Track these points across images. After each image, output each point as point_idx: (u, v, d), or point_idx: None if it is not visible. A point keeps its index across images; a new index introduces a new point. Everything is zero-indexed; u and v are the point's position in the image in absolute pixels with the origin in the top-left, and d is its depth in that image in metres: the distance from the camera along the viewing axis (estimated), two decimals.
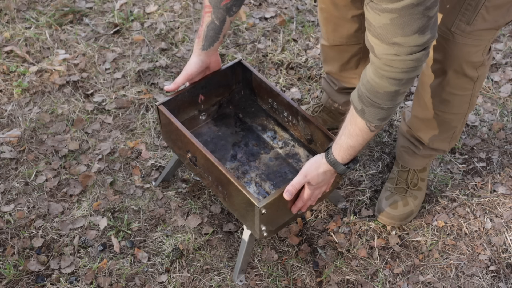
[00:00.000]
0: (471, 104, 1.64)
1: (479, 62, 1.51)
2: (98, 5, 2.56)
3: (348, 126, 1.35)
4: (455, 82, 1.54)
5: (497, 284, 1.71)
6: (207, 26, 1.57)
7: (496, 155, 2.03)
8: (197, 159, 1.57)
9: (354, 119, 1.33)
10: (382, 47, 1.18)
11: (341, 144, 1.37)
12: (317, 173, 1.42)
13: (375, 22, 1.15)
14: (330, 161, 1.40)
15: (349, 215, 1.86)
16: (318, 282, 1.71)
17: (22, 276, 1.70)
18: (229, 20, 1.57)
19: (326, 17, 1.78)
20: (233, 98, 1.82)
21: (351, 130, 1.35)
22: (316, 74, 2.30)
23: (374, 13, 1.14)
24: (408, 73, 1.21)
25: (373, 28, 1.17)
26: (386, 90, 1.24)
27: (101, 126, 2.11)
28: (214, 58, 1.66)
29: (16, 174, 1.95)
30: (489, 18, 1.41)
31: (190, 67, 1.63)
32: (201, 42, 1.59)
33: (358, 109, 1.30)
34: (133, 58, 2.34)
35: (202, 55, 1.62)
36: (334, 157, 1.39)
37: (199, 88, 1.69)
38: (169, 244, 1.78)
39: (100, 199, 1.89)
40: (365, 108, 1.29)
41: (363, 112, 1.30)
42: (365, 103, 1.28)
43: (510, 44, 2.42)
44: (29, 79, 2.24)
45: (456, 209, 1.88)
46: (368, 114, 1.29)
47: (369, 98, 1.27)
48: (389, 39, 1.15)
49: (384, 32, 1.15)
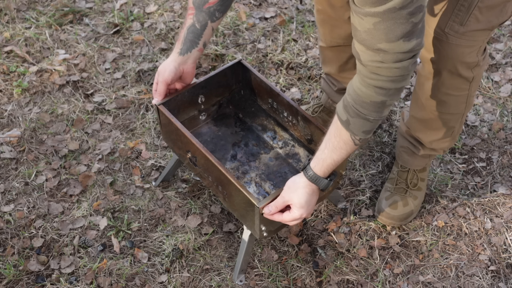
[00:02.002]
0: (468, 104, 1.64)
1: (473, 63, 1.51)
2: (98, 5, 2.56)
3: (332, 139, 1.32)
4: (450, 82, 1.54)
5: (497, 284, 1.71)
6: (188, 28, 1.53)
7: (496, 155, 2.03)
8: (197, 159, 1.57)
9: (339, 131, 1.29)
10: (368, 53, 1.15)
11: (324, 158, 1.33)
12: (297, 193, 1.37)
13: (359, 27, 1.13)
14: (310, 178, 1.35)
15: (349, 215, 1.86)
16: (318, 282, 1.71)
17: (22, 276, 1.70)
18: (210, 26, 1.52)
19: (323, 19, 1.78)
20: (233, 98, 1.82)
21: (335, 143, 1.31)
22: (316, 74, 2.30)
23: (358, 18, 1.12)
24: (395, 83, 1.18)
25: (358, 33, 1.15)
26: (373, 100, 1.21)
27: (101, 126, 2.11)
28: (189, 65, 1.57)
29: (16, 174, 1.95)
30: (482, 18, 1.41)
31: (165, 73, 1.55)
32: (179, 46, 1.54)
33: (343, 120, 1.27)
34: (133, 58, 2.34)
35: (177, 60, 1.55)
36: (315, 172, 1.35)
37: (199, 88, 1.69)
38: (169, 244, 1.78)
39: (100, 199, 1.89)
40: (350, 119, 1.26)
41: (348, 123, 1.26)
42: (351, 113, 1.25)
43: (510, 44, 2.42)
44: (29, 79, 2.24)
45: (456, 209, 1.88)
46: (353, 126, 1.26)
47: (355, 108, 1.24)
48: (374, 45, 1.13)
49: (369, 37, 1.13)
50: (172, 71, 1.54)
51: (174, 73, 1.55)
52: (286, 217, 1.39)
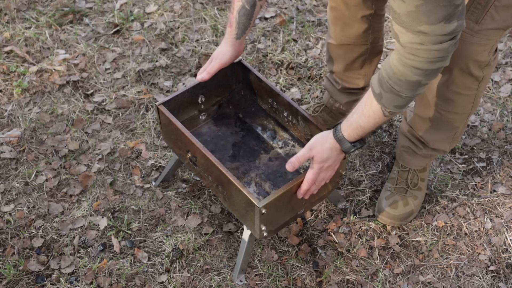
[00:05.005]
0: (475, 104, 1.64)
1: (485, 62, 1.50)
2: (98, 5, 2.56)
3: (362, 106, 1.34)
4: (460, 81, 1.54)
5: (497, 284, 1.71)
6: (238, 12, 1.54)
7: (496, 155, 2.03)
8: (197, 159, 1.57)
9: (370, 101, 1.31)
10: (407, 35, 1.16)
11: (351, 121, 1.36)
12: (322, 148, 1.40)
13: (400, 10, 1.14)
14: (337, 137, 1.39)
15: (349, 215, 1.86)
16: (318, 282, 1.71)
17: (22, 276, 1.70)
18: (259, 4, 1.55)
19: (336, 16, 1.78)
20: (233, 98, 1.82)
21: (364, 110, 1.33)
22: (316, 74, 2.30)
23: (399, 1, 1.13)
24: (433, 64, 1.19)
25: (398, 16, 1.16)
26: (408, 78, 1.22)
27: (101, 126, 2.11)
28: (243, 45, 1.64)
29: (16, 174, 1.95)
30: (497, 17, 1.41)
31: (225, 57, 1.59)
32: (234, 31, 1.57)
33: (376, 92, 1.29)
34: (133, 58, 2.34)
35: (236, 44, 1.59)
36: (342, 133, 1.38)
37: (199, 88, 1.69)
38: (169, 244, 1.78)
39: (100, 199, 1.89)
40: (383, 93, 1.27)
41: (380, 97, 1.28)
42: (384, 88, 1.27)
43: (510, 44, 2.42)
44: (29, 79, 2.24)
45: (456, 209, 1.88)
46: (385, 100, 1.28)
47: (389, 84, 1.25)
48: (414, 27, 1.14)
49: (409, 20, 1.14)
50: (232, 54, 1.60)
51: (234, 55, 1.61)
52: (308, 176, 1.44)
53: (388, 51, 2.42)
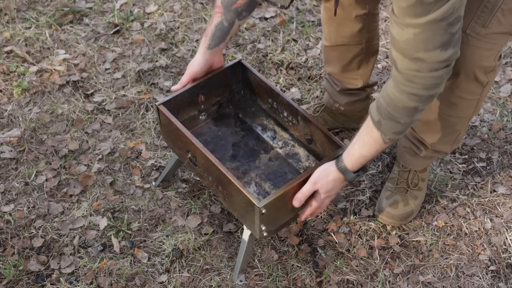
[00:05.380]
0: (477, 108, 1.63)
1: (490, 67, 1.50)
2: (98, 5, 2.57)
3: (363, 136, 1.38)
4: (465, 86, 1.54)
5: (497, 284, 1.71)
6: (216, 26, 1.59)
7: (496, 155, 2.03)
8: (197, 159, 1.57)
9: (370, 129, 1.35)
10: (405, 62, 1.20)
11: (353, 153, 1.40)
12: (326, 180, 1.44)
13: (398, 37, 1.19)
14: (340, 168, 1.42)
15: (349, 215, 1.86)
16: (318, 282, 1.71)
17: (22, 276, 1.70)
18: (237, 23, 1.60)
19: (330, 16, 1.78)
20: (233, 98, 1.82)
21: (365, 140, 1.37)
22: (316, 74, 2.30)
23: (398, 28, 1.17)
24: (429, 90, 1.23)
25: (397, 42, 1.20)
26: (406, 105, 1.26)
27: (101, 126, 2.11)
28: (217, 58, 1.68)
29: (16, 174, 1.95)
30: (504, 21, 1.41)
31: (194, 66, 1.64)
32: (207, 41, 1.61)
33: (375, 120, 1.32)
34: (133, 58, 2.34)
35: (207, 54, 1.64)
36: (345, 164, 1.41)
37: (199, 88, 1.69)
38: (169, 244, 1.78)
39: (100, 199, 1.89)
40: (382, 120, 1.31)
41: (379, 124, 1.32)
42: (383, 115, 1.30)
43: (510, 44, 2.42)
44: (29, 79, 2.24)
45: (456, 209, 1.88)
46: (384, 127, 1.31)
47: (387, 111, 1.29)
48: (412, 54, 1.18)
49: (408, 46, 1.18)
50: (201, 63, 1.64)
51: (203, 65, 1.64)
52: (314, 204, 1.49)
53: (387, 51, 2.42)
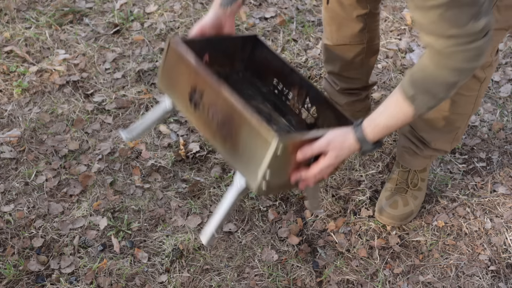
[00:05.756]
0: (476, 105, 1.63)
1: (487, 63, 1.50)
2: (98, 5, 2.57)
3: (392, 108, 1.31)
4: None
5: (497, 284, 1.71)
6: None
7: (496, 155, 2.03)
8: (203, 96, 1.41)
9: (401, 103, 1.28)
10: (440, 41, 1.16)
11: (378, 123, 1.32)
12: (341, 146, 1.34)
13: (424, 20, 1.15)
14: (358, 137, 1.33)
15: (349, 215, 1.86)
16: (318, 282, 1.71)
17: (22, 276, 1.70)
18: None
19: (331, 16, 1.78)
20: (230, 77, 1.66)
21: (394, 112, 1.31)
22: (316, 74, 2.30)
23: (419, 13, 1.14)
24: (471, 63, 1.19)
25: (424, 26, 1.16)
26: (446, 80, 1.22)
27: (101, 126, 2.11)
28: (229, 21, 1.54)
29: (16, 174, 1.95)
30: (499, 18, 1.40)
31: (205, 19, 1.52)
32: None
33: (408, 95, 1.26)
34: (133, 58, 2.34)
35: (219, 11, 1.52)
36: (366, 134, 1.33)
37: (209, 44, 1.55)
38: (169, 244, 1.78)
39: (100, 199, 1.89)
40: (417, 95, 1.25)
41: (413, 99, 1.26)
42: (420, 90, 1.25)
43: (510, 44, 2.42)
44: (29, 79, 2.24)
45: (456, 209, 1.88)
46: (419, 101, 1.26)
47: (425, 86, 1.24)
48: (444, 32, 1.14)
49: (437, 27, 1.14)
50: (212, 18, 1.51)
51: (214, 21, 1.52)
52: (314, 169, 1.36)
53: (387, 51, 2.42)
